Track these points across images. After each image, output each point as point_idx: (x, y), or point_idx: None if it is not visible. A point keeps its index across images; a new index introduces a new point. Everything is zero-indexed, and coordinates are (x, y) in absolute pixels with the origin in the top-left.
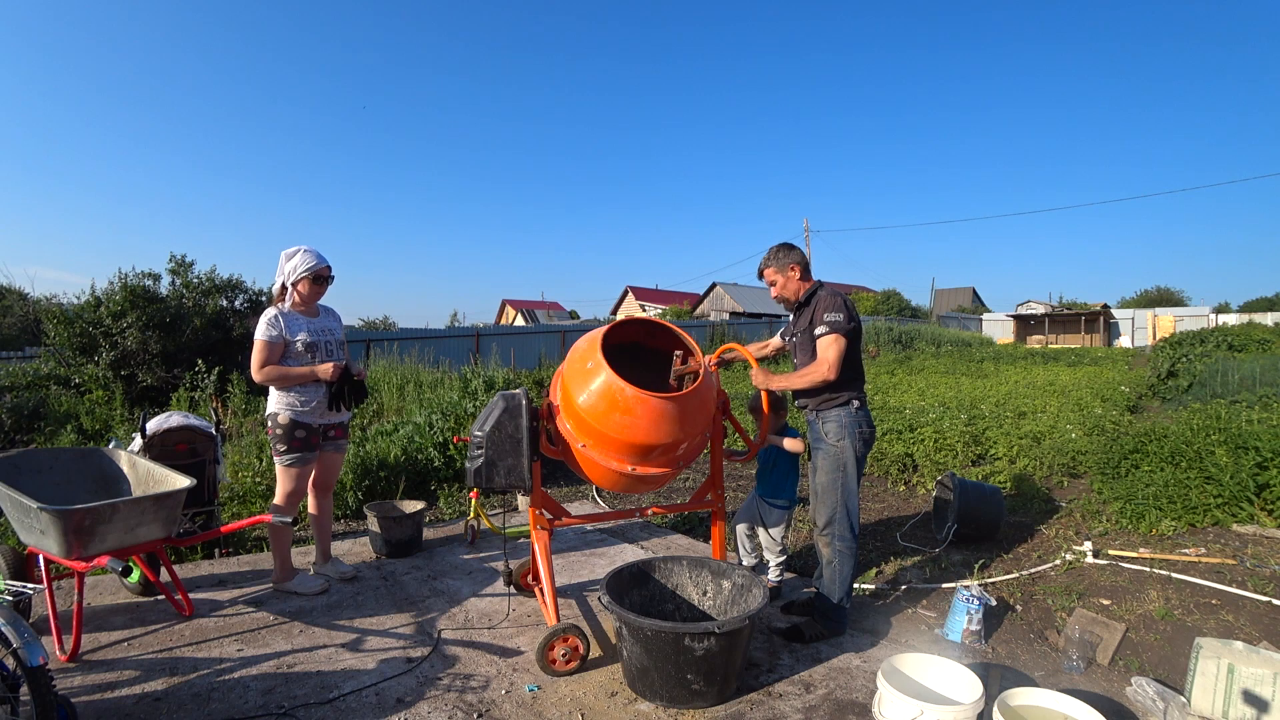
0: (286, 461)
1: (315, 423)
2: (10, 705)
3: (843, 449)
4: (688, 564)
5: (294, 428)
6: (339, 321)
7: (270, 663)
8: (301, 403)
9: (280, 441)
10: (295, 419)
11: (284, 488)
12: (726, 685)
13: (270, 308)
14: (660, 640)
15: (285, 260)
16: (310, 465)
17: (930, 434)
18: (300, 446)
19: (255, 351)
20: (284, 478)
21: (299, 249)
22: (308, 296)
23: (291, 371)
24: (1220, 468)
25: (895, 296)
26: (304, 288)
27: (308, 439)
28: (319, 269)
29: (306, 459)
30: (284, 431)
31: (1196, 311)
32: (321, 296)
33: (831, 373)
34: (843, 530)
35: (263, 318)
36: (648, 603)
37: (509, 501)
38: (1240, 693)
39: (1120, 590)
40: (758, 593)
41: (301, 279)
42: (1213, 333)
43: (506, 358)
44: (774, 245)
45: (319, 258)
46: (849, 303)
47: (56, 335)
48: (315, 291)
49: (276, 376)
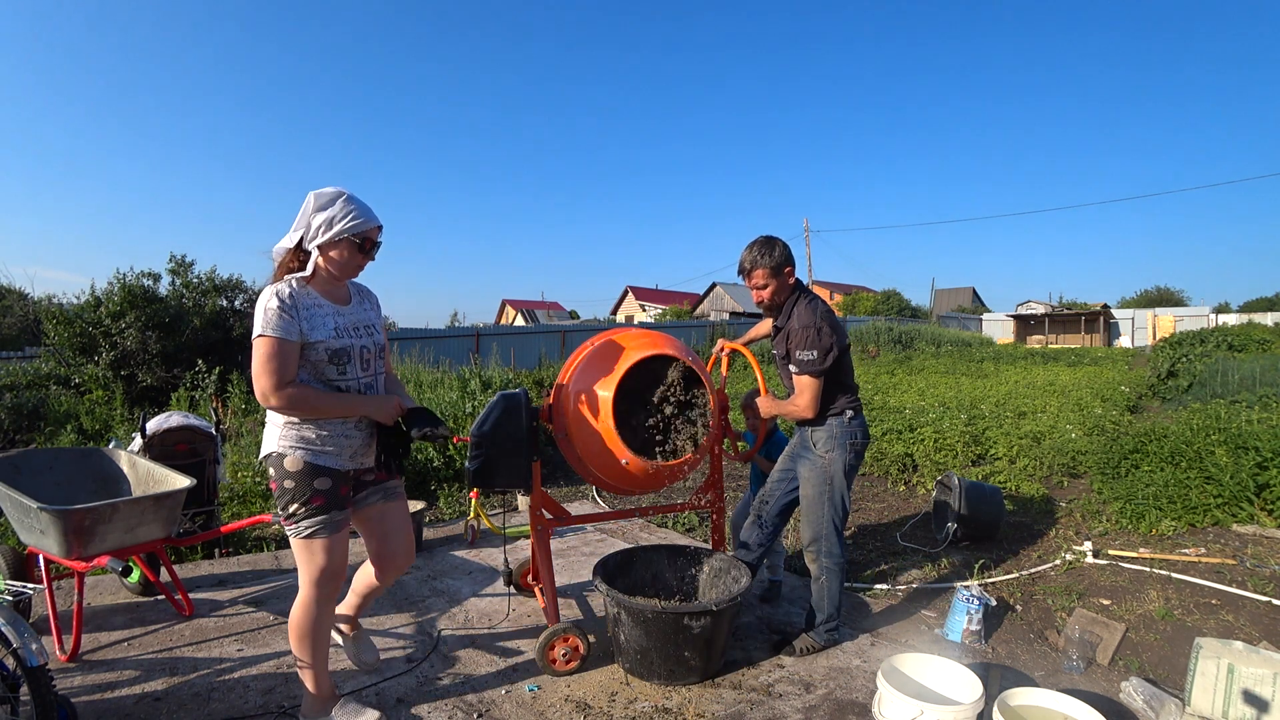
0: (305, 530)
1: (344, 467)
2: (10, 705)
3: (830, 461)
4: (665, 551)
5: (312, 475)
6: (379, 311)
7: (270, 663)
8: (321, 437)
9: (291, 499)
10: (313, 462)
11: (308, 574)
12: (716, 659)
13: (277, 283)
14: (661, 622)
15: (315, 206)
16: (344, 531)
17: (930, 434)
18: (324, 504)
19: (262, 358)
20: (307, 557)
21: (339, 192)
22: (342, 269)
23: (324, 403)
24: (1220, 468)
25: (895, 296)
26: (340, 254)
27: (334, 490)
28: (368, 229)
29: (337, 522)
30: (297, 483)
31: (1196, 311)
32: (360, 272)
33: (809, 412)
34: (830, 547)
35: (265, 299)
36: (631, 589)
37: (509, 501)
38: (1240, 693)
39: (1120, 590)
40: (738, 574)
41: (339, 241)
42: (1213, 333)
43: (506, 358)
44: (758, 241)
45: (368, 212)
46: (823, 330)
47: (56, 335)
48: (355, 264)
49: (302, 404)
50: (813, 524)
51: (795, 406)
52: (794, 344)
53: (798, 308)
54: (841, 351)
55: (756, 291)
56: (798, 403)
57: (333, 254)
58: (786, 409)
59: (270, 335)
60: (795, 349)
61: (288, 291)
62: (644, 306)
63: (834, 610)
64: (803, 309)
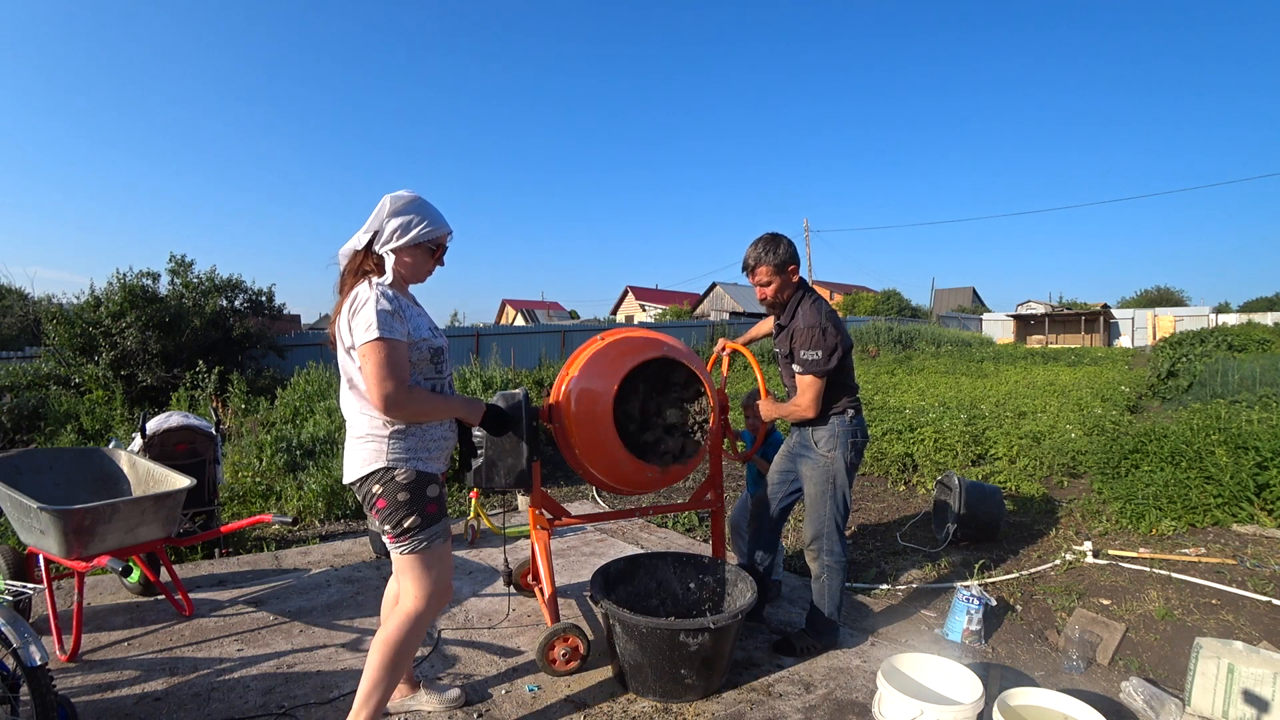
0: (423, 542)
1: (442, 470)
2: (10, 705)
3: (833, 460)
4: (672, 559)
5: (424, 483)
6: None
7: (270, 663)
8: (427, 444)
9: (407, 513)
10: (423, 470)
11: (424, 587)
12: (717, 677)
13: (374, 287)
14: (656, 637)
15: (390, 210)
16: (450, 535)
17: (930, 434)
18: (437, 510)
19: (380, 362)
20: (423, 570)
21: (414, 197)
22: (414, 274)
23: (433, 404)
24: (1220, 468)
25: (895, 296)
26: (414, 259)
27: (441, 496)
28: (440, 235)
29: (448, 528)
30: (412, 494)
31: (1196, 311)
32: (429, 278)
33: (811, 412)
34: (831, 545)
35: (373, 302)
36: (634, 598)
37: (509, 501)
38: (1240, 693)
39: (1120, 590)
40: (745, 587)
41: (414, 246)
42: (1213, 333)
43: (506, 358)
44: (763, 238)
45: (440, 218)
46: (828, 330)
47: (56, 335)
48: (426, 270)
49: (422, 406)
50: (815, 522)
51: (797, 407)
52: (798, 343)
53: (802, 307)
54: (845, 352)
55: (760, 289)
56: (799, 403)
57: (407, 259)
58: (788, 410)
59: (387, 339)
60: (799, 348)
61: (391, 294)
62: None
63: (835, 609)
64: (807, 308)
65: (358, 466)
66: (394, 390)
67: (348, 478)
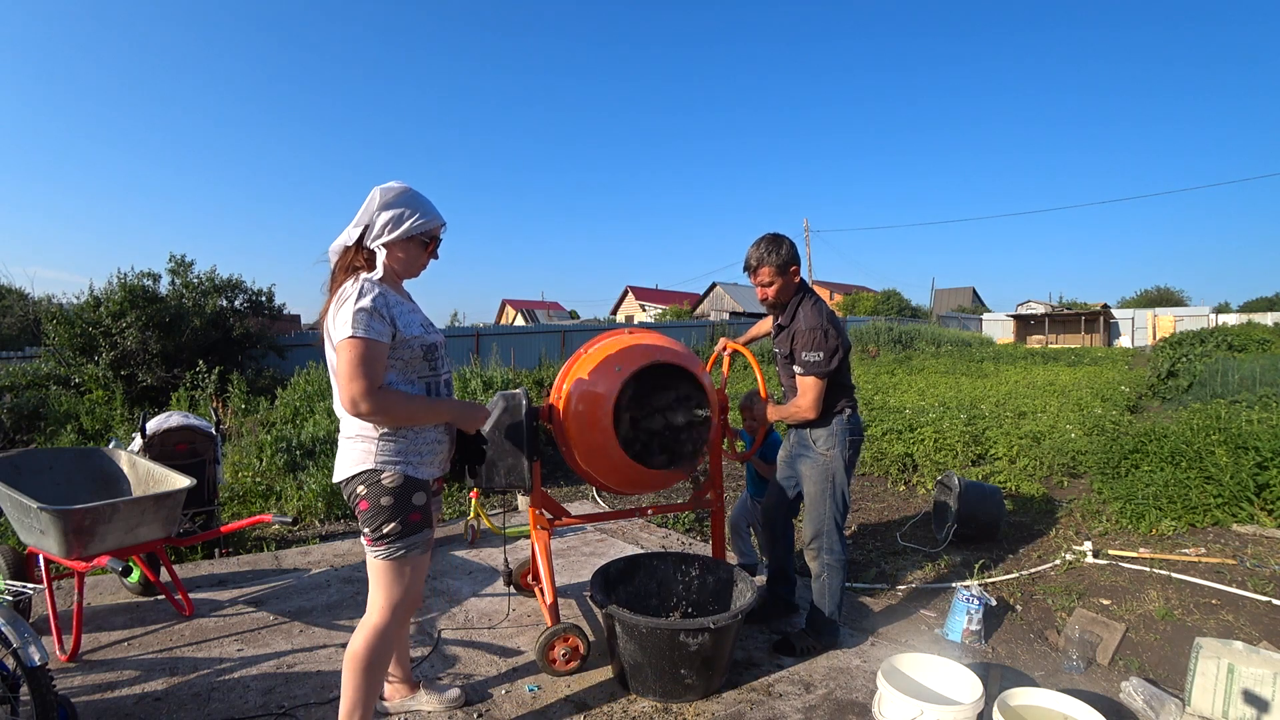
0: (399, 550)
1: (433, 476)
2: (10, 705)
3: (831, 458)
4: (672, 559)
5: (411, 489)
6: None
7: (270, 663)
8: (418, 448)
9: (388, 518)
10: (412, 475)
11: (390, 598)
12: (717, 677)
13: (360, 283)
14: (656, 637)
15: (380, 202)
16: (430, 547)
17: (930, 434)
18: (421, 520)
19: (353, 362)
20: (393, 579)
21: (404, 188)
22: (407, 268)
23: (414, 407)
24: (1220, 468)
25: (895, 296)
26: (406, 253)
27: (428, 506)
28: (433, 227)
29: (428, 540)
30: (396, 499)
31: (1196, 311)
32: (423, 272)
33: (811, 413)
34: (831, 543)
35: (354, 299)
36: (634, 598)
37: (509, 501)
38: (1240, 693)
39: (1120, 590)
40: (745, 588)
41: (407, 239)
42: (1213, 333)
43: (506, 358)
44: (765, 238)
45: (432, 209)
46: (829, 332)
47: (56, 335)
48: (420, 264)
49: (394, 409)
50: (815, 520)
51: (798, 408)
52: (799, 345)
53: (803, 308)
54: (845, 353)
55: (762, 289)
56: (800, 404)
57: (399, 253)
58: (789, 413)
59: (361, 337)
60: (801, 350)
61: (377, 291)
62: (644, 306)
63: (835, 608)
64: (809, 310)
65: (346, 466)
66: (358, 390)
67: (336, 477)
